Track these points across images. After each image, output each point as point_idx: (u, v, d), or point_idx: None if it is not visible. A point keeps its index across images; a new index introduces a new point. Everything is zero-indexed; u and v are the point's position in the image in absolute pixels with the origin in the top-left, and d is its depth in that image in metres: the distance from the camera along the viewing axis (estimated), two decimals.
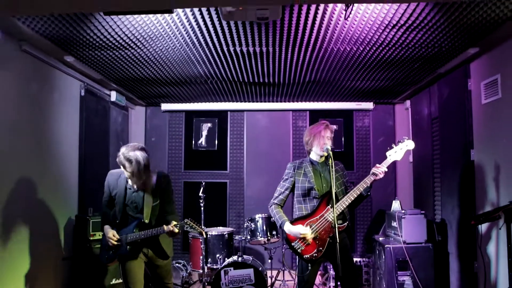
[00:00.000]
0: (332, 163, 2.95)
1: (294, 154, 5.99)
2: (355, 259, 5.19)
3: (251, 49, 3.50)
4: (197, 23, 3.01)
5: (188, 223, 3.14)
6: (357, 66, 4.03)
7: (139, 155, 2.95)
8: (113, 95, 5.18)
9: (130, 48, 3.53)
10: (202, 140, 6.10)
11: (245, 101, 5.80)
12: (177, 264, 5.26)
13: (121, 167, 3.02)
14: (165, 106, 6.01)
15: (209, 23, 2.98)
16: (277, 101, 5.80)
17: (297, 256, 3.28)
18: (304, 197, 3.28)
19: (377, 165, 3.18)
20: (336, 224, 2.79)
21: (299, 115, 6.06)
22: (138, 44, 3.42)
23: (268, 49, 3.51)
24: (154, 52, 3.62)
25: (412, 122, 5.61)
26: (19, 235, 3.43)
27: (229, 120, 6.11)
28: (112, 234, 3.10)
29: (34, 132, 3.71)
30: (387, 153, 3.30)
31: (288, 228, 3.18)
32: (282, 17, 2.79)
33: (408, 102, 5.71)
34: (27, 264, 3.54)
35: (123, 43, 3.39)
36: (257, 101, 5.78)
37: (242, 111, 6.07)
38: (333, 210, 2.86)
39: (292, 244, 3.19)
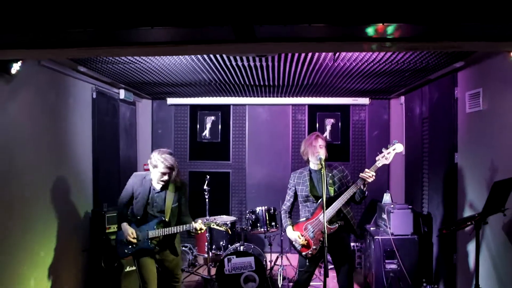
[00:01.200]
0: (324, 171, 3.29)
1: (293, 146, 6.30)
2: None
3: (252, 63, 3.77)
4: None
5: (214, 221, 3.65)
6: (351, 75, 4.29)
7: (170, 158, 3.38)
8: (122, 93, 5.44)
9: (139, 63, 3.80)
10: (206, 133, 6.41)
11: (247, 96, 6.05)
12: (183, 248, 5.66)
13: (152, 168, 3.38)
14: (170, 101, 6.28)
15: None
16: (277, 97, 6.06)
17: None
18: (305, 202, 3.68)
19: (366, 170, 3.44)
20: (325, 230, 3.17)
21: (298, 109, 6.33)
22: (147, 60, 3.69)
23: (267, 63, 3.78)
24: (162, 65, 3.89)
25: (406, 118, 5.87)
26: (42, 230, 3.81)
27: (232, 113, 6.39)
28: (131, 232, 3.47)
29: (53, 137, 4.03)
30: (376, 158, 3.49)
31: (288, 233, 3.66)
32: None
33: (402, 98, 5.93)
34: (50, 256, 3.94)
35: (133, 60, 3.66)
36: (258, 96, 6.04)
37: (244, 105, 6.33)
38: (324, 215, 3.20)
39: (293, 243, 3.65)
